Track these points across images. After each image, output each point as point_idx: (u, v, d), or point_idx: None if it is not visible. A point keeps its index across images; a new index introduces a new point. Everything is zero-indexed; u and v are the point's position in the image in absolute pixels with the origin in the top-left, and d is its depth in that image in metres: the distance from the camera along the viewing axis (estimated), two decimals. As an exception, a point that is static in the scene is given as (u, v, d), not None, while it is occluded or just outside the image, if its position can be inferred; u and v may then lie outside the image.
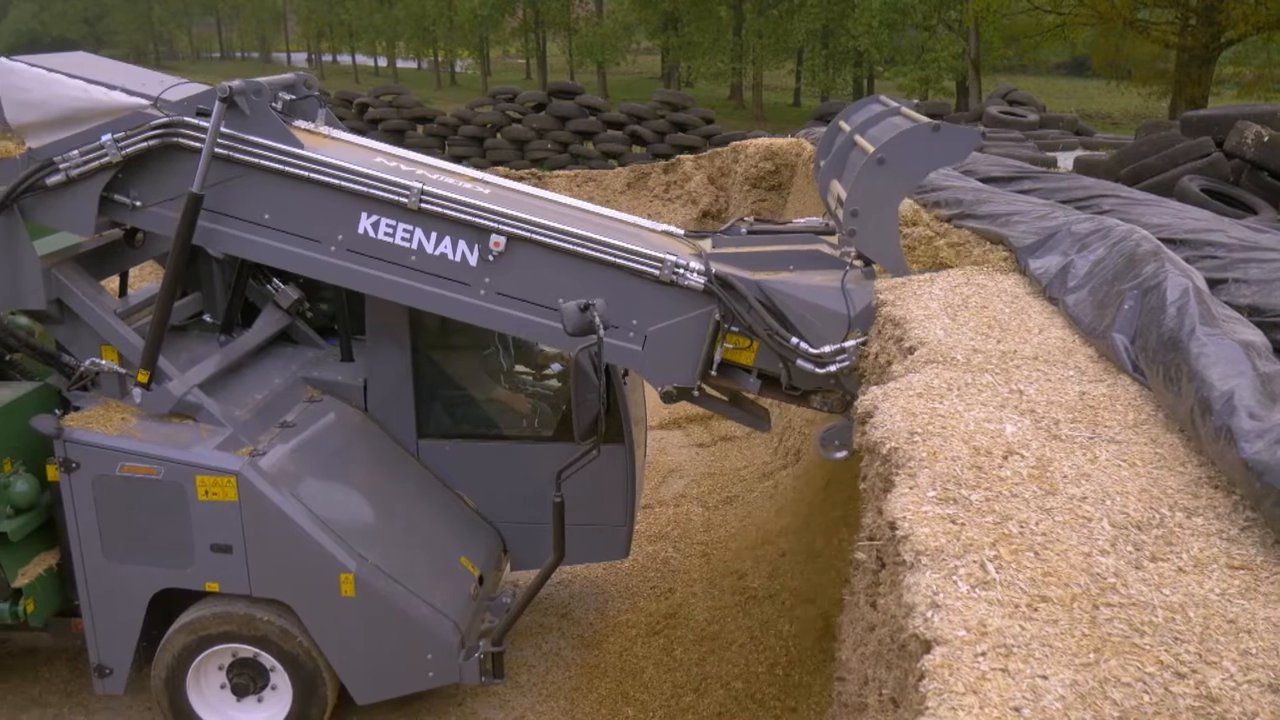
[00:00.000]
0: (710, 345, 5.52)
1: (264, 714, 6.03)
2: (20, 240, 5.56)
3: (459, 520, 6.49)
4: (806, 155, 13.08)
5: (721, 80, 49.10)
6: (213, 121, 5.33)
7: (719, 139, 22.18)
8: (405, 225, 5.48)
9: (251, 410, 6.01)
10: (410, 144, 24.99)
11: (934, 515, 3.08)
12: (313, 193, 5.48)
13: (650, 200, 16.32)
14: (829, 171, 6.17)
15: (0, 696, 6.76)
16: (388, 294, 5.65)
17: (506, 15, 56.03)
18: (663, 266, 5.40)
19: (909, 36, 39.08)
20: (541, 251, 5.46)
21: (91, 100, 5.50)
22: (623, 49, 51.64)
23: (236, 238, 5.63)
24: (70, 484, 5.60)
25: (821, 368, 5.33)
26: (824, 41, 43.25)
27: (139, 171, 5.55)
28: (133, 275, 7.24)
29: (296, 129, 5.85)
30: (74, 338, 5.87)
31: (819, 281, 5.43)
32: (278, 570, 5.62)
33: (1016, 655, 2.46)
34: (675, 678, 6.65)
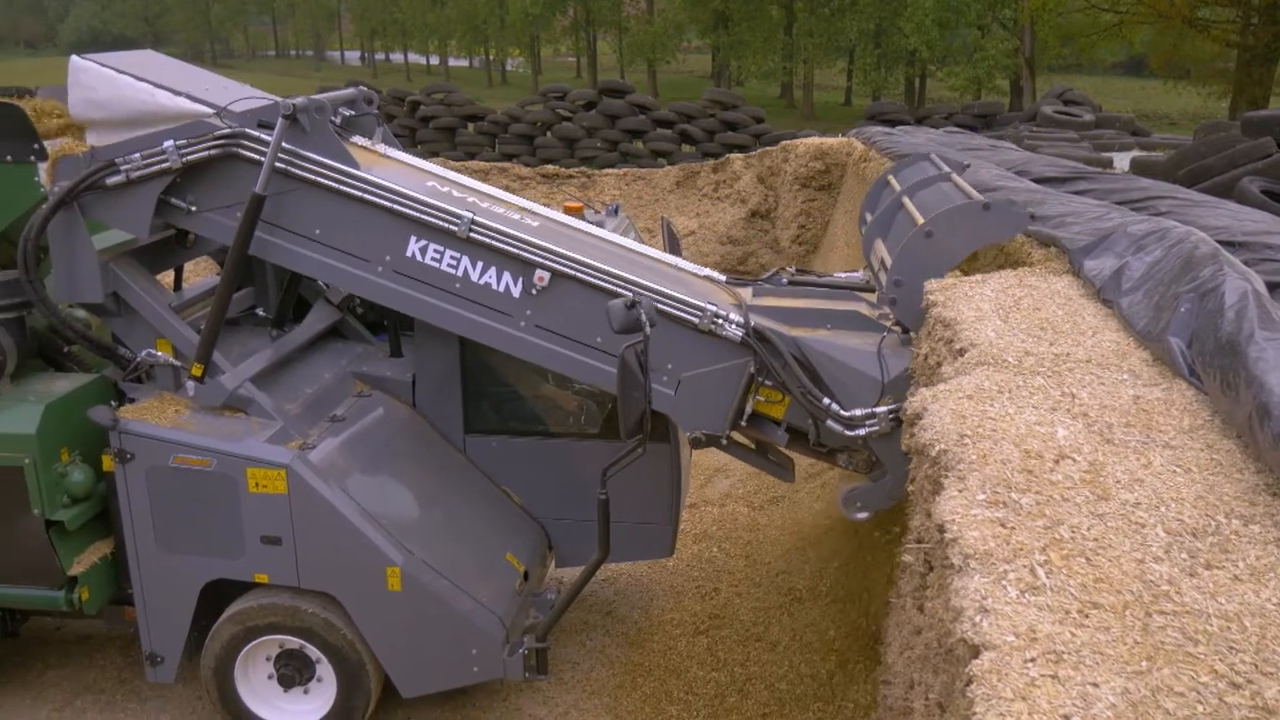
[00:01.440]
0: (743, 396, 5.59)
1: (310, 705, 6.10)
2: (79, 235, 5.67)
3: (505, 516, 6.52)
4: (857, 155, 13.00)
5: (772, 79, 48.91)
6: (275, 137, 5.44)
7: (769, 138, 22.06)
8: (453, 252, 5.58)
9: (302, 404, 6.09)
10: (461, 141, 25.15)
11: (983, 519, 3.05)
12: (365, 213, 5.58)
13: (699, 199, 16.29)
14: (875, 230, 6.17)
15: (55, 682, 6.90)
16: (429, 317, 5.76)
17: (557, 14, 56.25)
18: (702, 315, 5.46)
19: (962, 35, 38.68)
20: (584, 290, 5.53)
21: (157, 105, 5.61)
22: (673, 48, 51.65)
23: (287, 249, 5.74)
24: (125, 474, 5.70)
25: (850, 430, 5.38)
26: (876, 41, 42.97)
27: (197, 177, 5.66)
28: (187, 270, 7.34)
29: (353, 145, 5.95)
30: (130, 331, 5.97)
31: (855, 344, 5.47)
32: (325, 563, 5.68)
33: (1067, 662, 2.42)
34: (719, 678, 6.64)
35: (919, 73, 44.06)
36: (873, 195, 6.85)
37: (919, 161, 6.82)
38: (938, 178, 6.29)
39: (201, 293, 6.52)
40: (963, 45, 38.53)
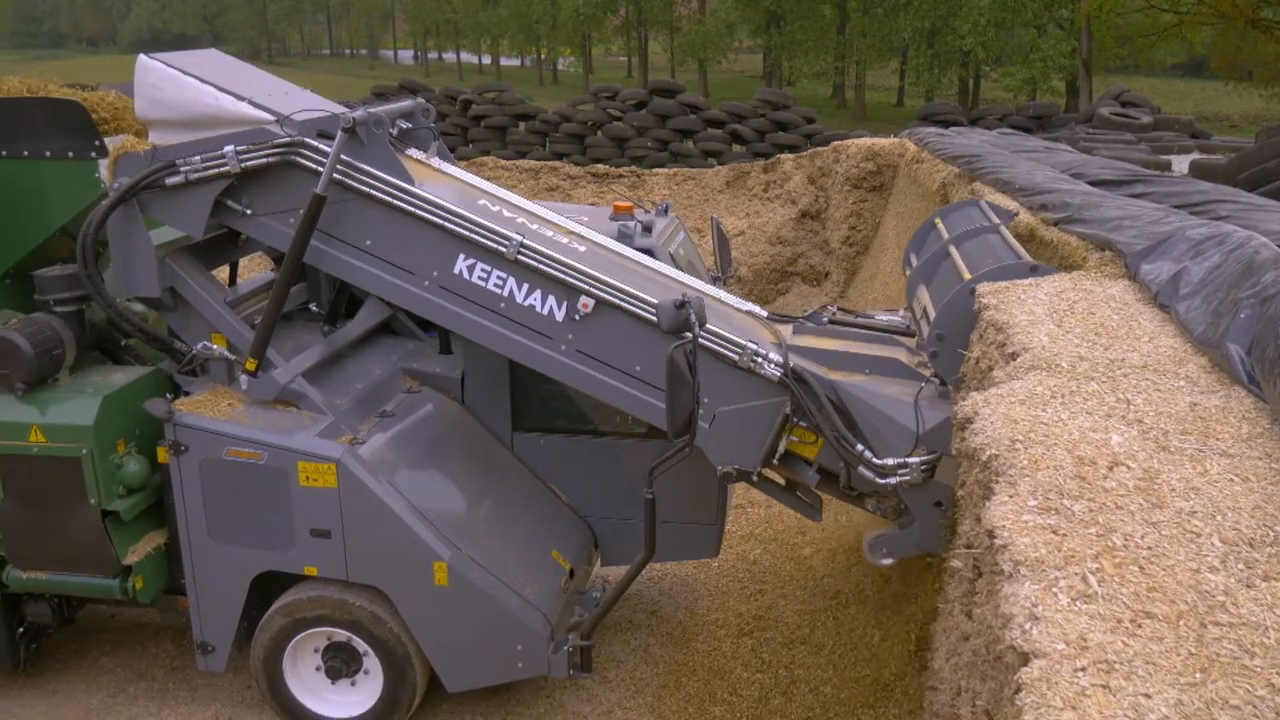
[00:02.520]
0: (777, 435, 5.61)
1: (356, 697, 6.16)
2: (137, 231, 5.77)
3: (551, 514, 6.55)
4: (909, 156, 12.89)
5: (824, 79, 48.69)
6: (334, 149, 5.53)
7: (820, 139, 21.95)
8: (500, 273, 5.64)
9: (352, 399, 6.15)
10: (512, 140, 25.27)
11: (1034, 525, 3.01)
12: (416, 228, 5.65)
13: (749, 199, 16.25)
14: (919, 276, 6.16)
15: (109, 669, 7.03)
16: (471, 334, 5.83)
17: (609, 13, 56.37)
18: (742, 352, 5.48)
19: (1018, 35, 38.25)
20: (626, 319, 5.57)
21: (220, 109, 5.71)
22: (724, 47, 51.59)
23: (338, 258, 5.82)
24: (179, 466, 5.79)
25: (882, 478, 5.39)
26: (929, 41, 42.58)
27: (253, 182, 5.75)
28: (242, 265, 7.45)
29: (408, 158, 6.03)
30: (185, 325, 6.07)
31: (893, 392, 5.48)
32: (374, 556, 5.73)
33: (1118, 672, 2.39)
34: (763, 679, 6.62)
35: (973, 73, 43.61)
36: (919, 237, 6.84)
37: (968, 207, 6.80)
38: (986, 229, 6.25)
39: (256, 288, 6.61)
40: (1018, 45, 38.10)
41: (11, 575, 6.14)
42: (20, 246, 6.17)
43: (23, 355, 5.68)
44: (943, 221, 6.64)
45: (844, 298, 14.28)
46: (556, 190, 16.64)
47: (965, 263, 5.65)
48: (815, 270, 15.10)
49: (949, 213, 6.82)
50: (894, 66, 49.56)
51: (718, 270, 8.24)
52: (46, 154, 5.97)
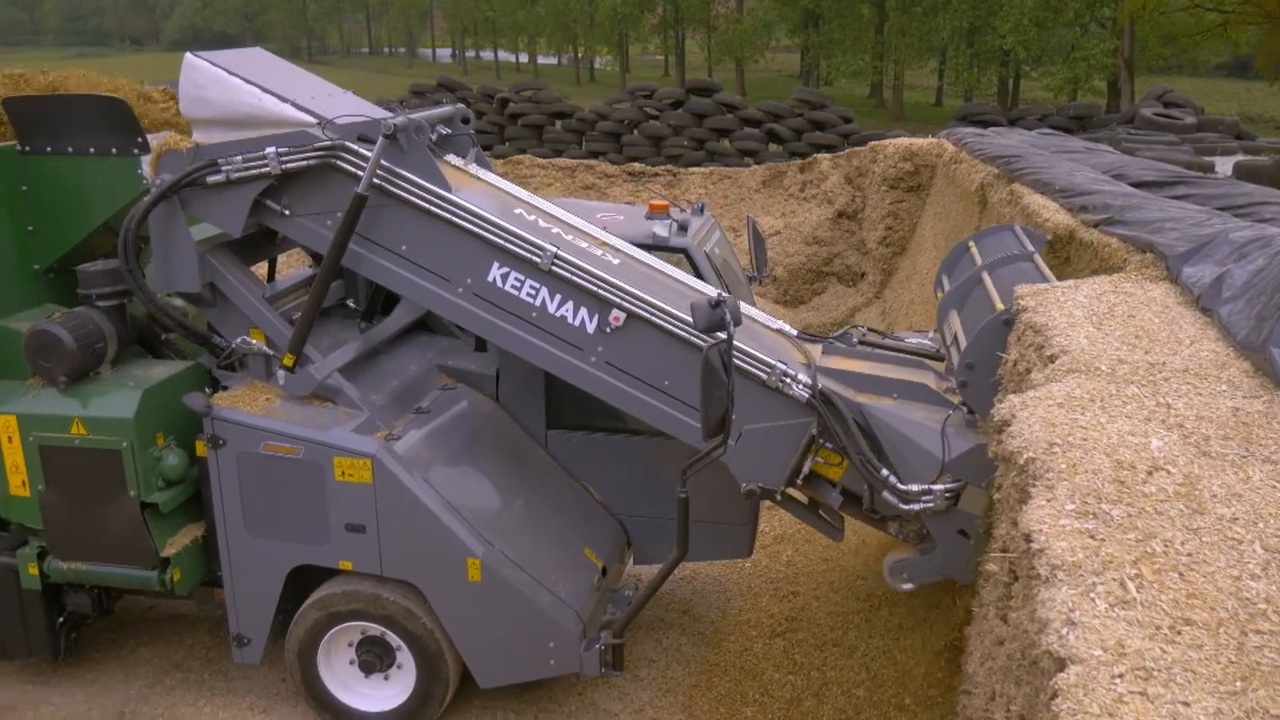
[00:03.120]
0: (802, 455, 5.64)
1: (389, 691, 6.20)
2: (178, 227, 5.84)
3: (584, 512, 6.57)
4: (948, 156, 12.81)
5: (861, 79, 48.39)
6: (374, 154, 5.57)
7: (857, 138, 21.86)
8: (533, 282, 5.66)
9: (388, 395, 6.20)
10: (548, 138, 25.35)
11: (1072, 529, 2.99)
12: (452, 235, 5.69)
13: (785, 199, 16.20)
14: (951, 301, 6.14)
15: (146, 659, 7.11)
16: (501, 342, 5.86)
17: (646, 12, 56.40)
18: (771, 372, 5.49)
19: (1059, 35, 37.87)
20: (657, 334, 5.58)
21: (263, 110, 5.77)
22: (762, 46, 51.42)
23: (373, 261, 5.86)
24: (217, 460, 5.85)
25: (905, 503, 5.41)
26: (969, 40, 42.25)
27: (293, 183, 5.81)
28: (281, 260, 7.52)
29: (446, 164, 6.06)
30: (224, 320, 6.14)
31: (920, 418, 5.49)
32: (408, 552, 5.77)
33: (1157, 679, 2.36)
34: (795, 681, 6.60)
35: (1013, 73, 43.22)
36: (951, 259, 6.80)
37: (1002, 232, 6.76)
38: (1020, 256, 6.21)
39: (294, 284, 6.67)
40: (1060, 45, 37.72)
41: (52, 565, 6.23)
42: (64, 241, 6.26)
43: (65, 349, 5.77)
44: (976, 246, 6.61)
45: (880, 298, 14.21)
46: (592, 188, 16.66)
47: (998, 291, 5.63)
48: (851, 270, 15.03)
49: (983, 237, 6.80)
50: (932, 66, 49.20)
51: (753, 270, 8.22)
52: (90, 150, 6.05)
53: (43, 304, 6.27)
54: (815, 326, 14.22)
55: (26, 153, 6.12)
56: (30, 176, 6.14)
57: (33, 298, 6.25)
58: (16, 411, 5.93)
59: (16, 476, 6.03)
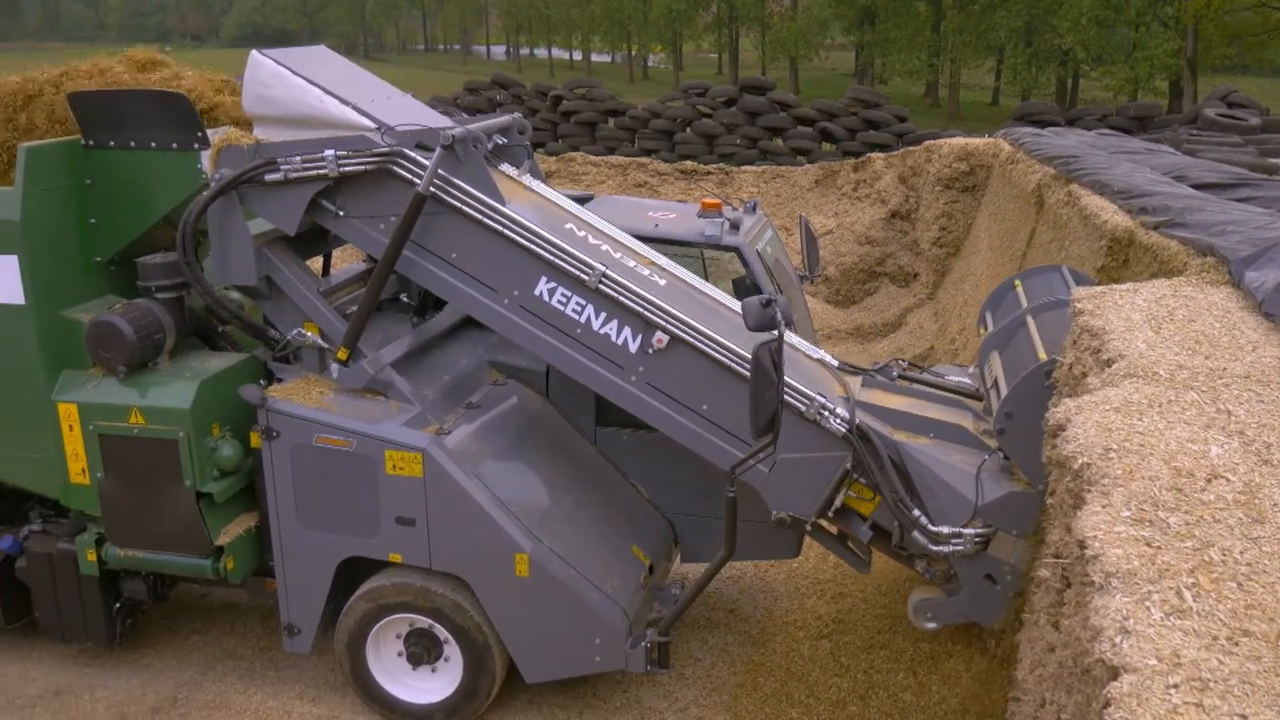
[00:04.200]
0: (835, 488, 5.66)
1: (436, 683, 6.25)
2: (236, 221, 5.93)
3: (632, 509, 6.58)
4: (1004, 157, 12.66)
5: (917, 78, 47.95)
6: (432, 163, 5.63)
7: (912, 138, 21.67)
8: (579, 299, 5.71)
9: (439, 390, 6.25)
10: (601, 136, 25.40)
11: (1127, 536, 2.94)
12: (502, 247, 5.74)
13: (838, 198, 16.10)
14: (993, 342, 6.11)
15: (199, 646, 7.23)
16: (543, 354, 5.92)
17: (700, 10, 56.30)
18: (810, 404, 5.52)
19: (1120, 34, 37.24)
20: (699, 358, 5.62)
21: (324, 112, 5.86)
22: (816, 44, 51.10)
23: (424, 268, 5.93)
24: (271, 451, 5.93)
25: (935, 545, 5.43)
26: (1027, 39, 41.68)
27: (349, 186, 5.88)
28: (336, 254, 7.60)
29: (500, 174, 6.11)
30: (279, 313, 6.23)
31: (955, 460, 5.50)
32: (456, 546, 5.81)
33: (1213, 690, 2.32)
34: (841, 684, 6.56)
35: (1072, 72, 42.59)
36: (996, 296, 6.74)
37: (1049, 273, 6.67)
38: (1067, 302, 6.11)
39: (348, 278, 6.74)
40: (1121, 44, 37.10)
41: (109, 552, 6.35)
42: (125, 234, 6.36)
43: (125, 339, 5.87)
44: (1022, 285, 6.53)
45: (933, 299, 14.08)
46: (644, 186, 16.67)
47: (1041, 337, 5.58)
48: (904, 271, 14.90)
49: (1030, 276, 6.72)
50: (989, 65, 48.65)
51: (805, 269, 8.18)
52: (152, 145, 6.15)
53: (104, 295, 6.37)
54: (866, 327, 14.13)
55: (90, 147, 6.23)
56: (93, 170, 6.25)
57: (94, 289, 6.36)
58: (78, 400, 6.05)
59: (77, 464, 6.15)
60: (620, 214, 7.34)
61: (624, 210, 7.61)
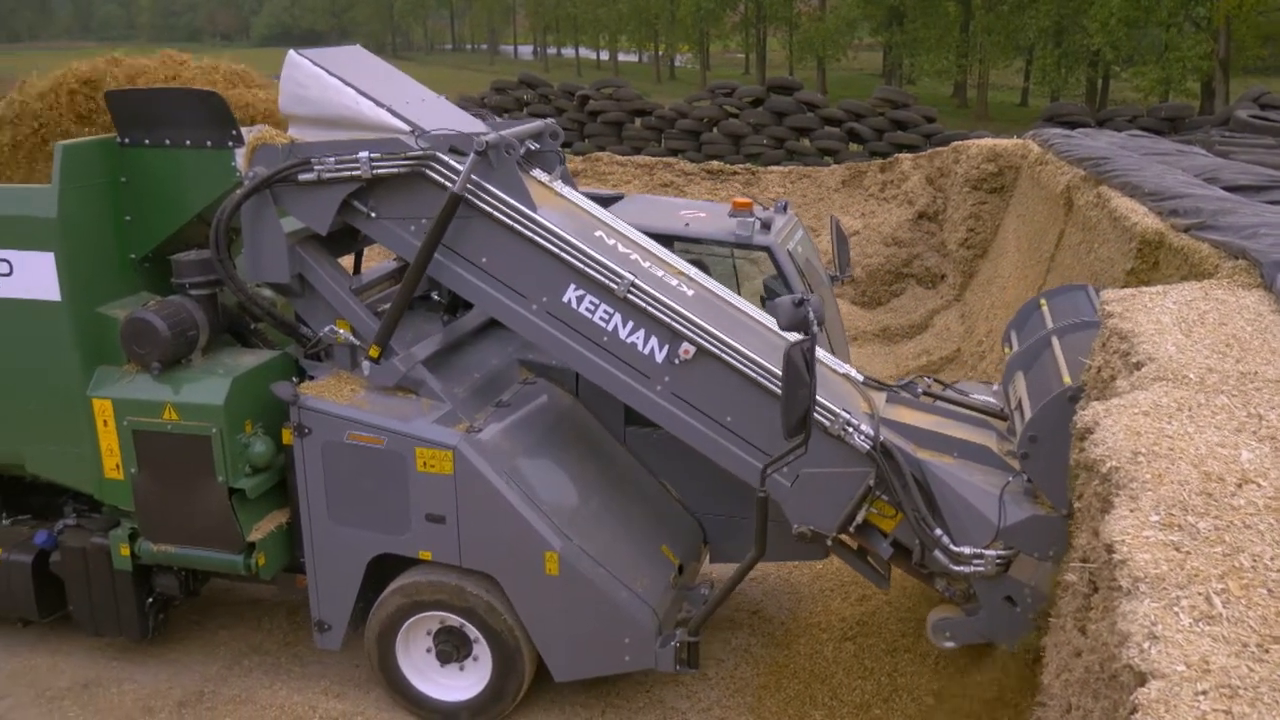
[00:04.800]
0: (857, 504, 5.68)
1: (464, 681, 6.29)
2: (269, 220, 5.99)
3: (662, 509, 6.60)
4: (1032, 158, 12.59)
5: (946, 78, 47.67)
6: (465, 168, 5.67)
7: (940, 138, 21.56)
8: (607, 307, 5.74)
9: (469, 388, 6.29)
10: (628, 136, 25.42)
11: (1156, 541, 2.94)
12: (531, 253, 5.78)
13: (864, 199, 16.06)
14: (1018, 362, 6.09)
15: (226, 641, 7.31)
16: (568, 361, 5.96)
17: (728, 10, 56.21)
18: (834, 420, 5.53)
19: (1151, 34, 36.91)
20: (725, 370, 5.64)
21: (359, 114, 5.91)
22: (844, 45, 50.92)
23: (453, 271, 5.97)
24: (302, 448, 5.99)
25: (955, 564, 5.46)
26: (1056, 40, 41.37)
27: (381, 187, 5.93)
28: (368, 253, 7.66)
29: (532, 180, 6.15)
30: (312, 311, 6.28)
31: (978, 480, 5.50)
32: (486, 543, 5.85)
33: (1242, 698, 2.32)
34: (865, 686, 6.55)
35: (1102, 73, 42.25)
36: (1022, 315, 6.71)
37: (1075, 292, 6.63)
38: (1093, 324, 6.09)
39: (379, 276, 6.80)
40: (1151, 45, 36.77)
41: (143, 547, 6.42)
42: (159, 231, 6.42)
43: (159, 336, 5.94)
44: (1048, 304, 6.49)
45: (960, 301, 14.02)
46: (670, 186, 16.68)
47: (1066, 359, 5.55)
48: (931, 272, 14.85)
49: (1055, 295, 6.68)
50: (1018, 66, 48.32)
51: (835, 269, 8.17)
52: (186, 143, 6.21)
53: (138, 292, 6.44)
54: (893, 329, 14.09)
55: (126, 145, 6.29)
56: (129, 168, 6.31)
57: (129, 286, 6.42)
58: (112, 396, 6.13)
59: (111, 459, 6.23)
60: (651, 213, 7.35)
61: (654, 209, 7.62)
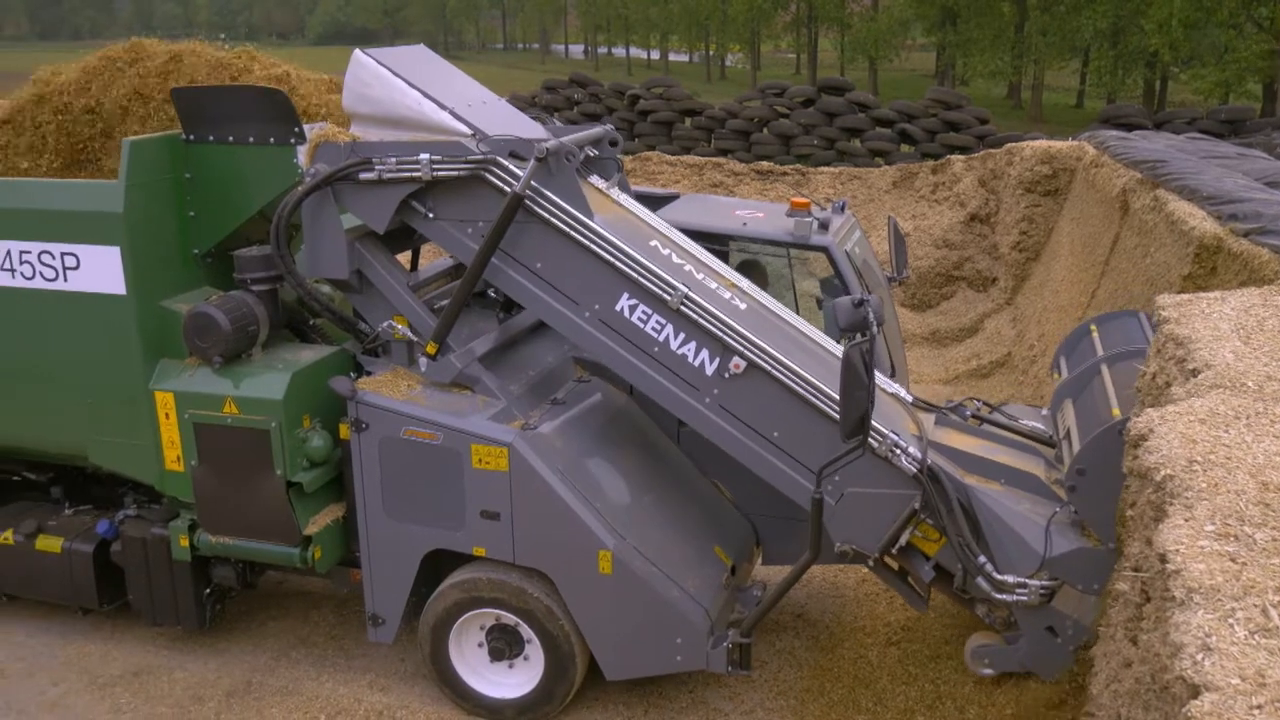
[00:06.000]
0: (901, 526, 5.68)
1: (513, 679, 6.33)
2: (330, 216, 6.08)
3: (715, 509, 6.62)
4: (1088, 160, 12.46)
5: (1000, 79, 47.13)
6: (526, 174, 5.73)
7: (993, 140, 21.38)
8: (659, 318, 5.78)
9: (524, 385, 6.35)
10: (678, 136, 25.44)
11: (1211, 551, 2.93)
12: (586, 260, 5.83)
13: (916, 200, 15.95)
14: (1066, 390, 6.06)
15: (274, 633, 7.43)
16: (618, 369, 6.00)
17: (780, 9, 55.97)
18: (882, 441, 5.53)
19: (1211, 35, 36.24)
20: (775, 386, 5.66)
21: (422, 115, 6.00)
22: (897, 45, 50.53)
23: (507, 275, 6.04)
24: (359, 443, 6.06)
25: (998, 593, 5.45)
26: (1113, 41, 40.74)
27: (440, 189, 6.00)
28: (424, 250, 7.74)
29: (590, 186, 6.20)
30: (369, 306, 6.37)
31: (1025, 509, 5.49)
32: (540, 541, 5.89)
33: (1298, 710, 2.31)
34: (909, 692, 6.53)
35: (1160, 75, 41.55)
36: (1071, 341, 6.66)
37: (1127, 319, 6.56)
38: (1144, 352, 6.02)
39: (436, 273, 6.88)
40: (1212, 46, 36.11)
41: (201, 538, 6.54)
42: (222, 227, 6.53)
43: (221, 330, 6.04)
44: (1098, 331, 6.43)
45: (1011, 305, 13.89)
46: (720, 186, 16.67)
47: (1115, 390, 5.52)
48: (982, 275, 14.73)
49: (1106, 321, 6.61)
50: (1074, 67, 47.66)
51: (893, 270, 8.14)
52: (250, 140, 6.30)
53: (200, 287, 6.55)
54: (943, 332, 13.99)
55: (190, 141, 6.41)
56: (193, 164, 6.42)
57: (192, 280, 6.53)
58: (174, 389, 6.24)
59: (172, 452, 6.35)
60: (706, 212, 7.36)
61: (710, 209, 7.62)
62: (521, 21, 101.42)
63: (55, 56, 8.62)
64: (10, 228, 6.29)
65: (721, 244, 6.63)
